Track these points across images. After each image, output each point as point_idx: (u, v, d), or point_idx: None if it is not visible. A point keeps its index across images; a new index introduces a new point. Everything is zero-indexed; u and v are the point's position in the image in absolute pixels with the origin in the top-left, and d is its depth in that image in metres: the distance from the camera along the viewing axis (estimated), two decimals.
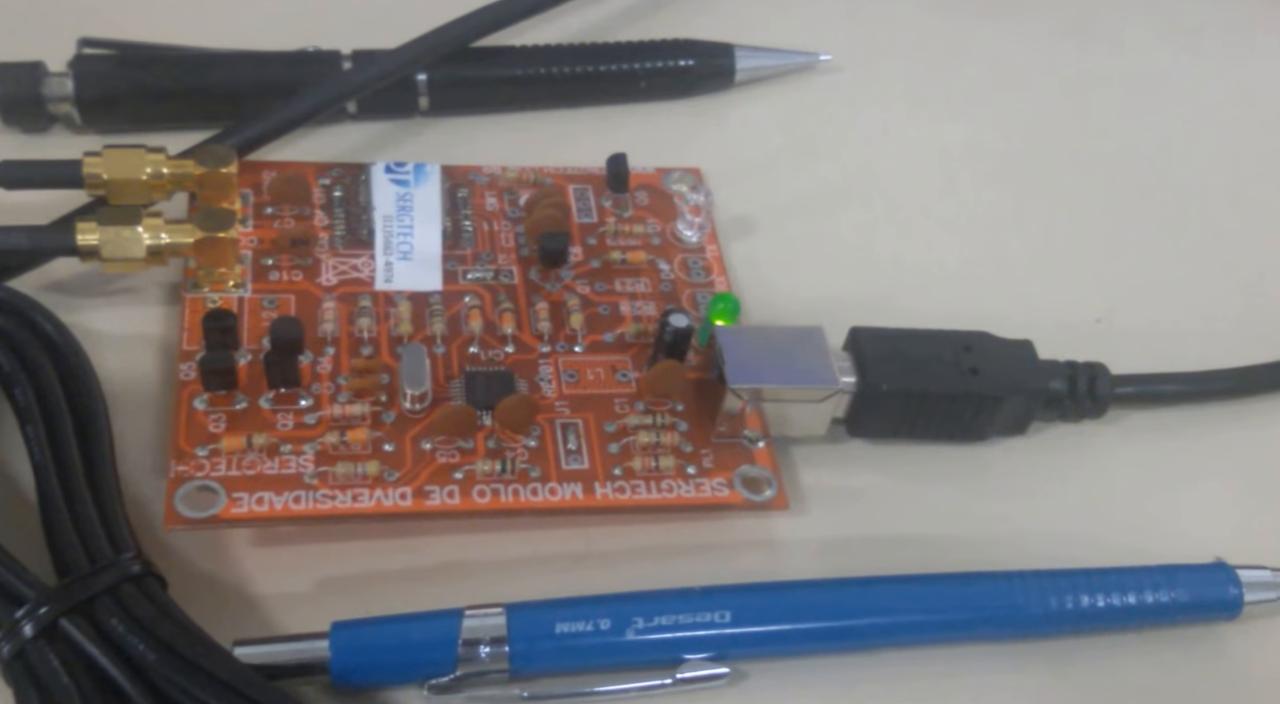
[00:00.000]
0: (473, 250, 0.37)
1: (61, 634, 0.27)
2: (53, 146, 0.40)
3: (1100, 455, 0.35)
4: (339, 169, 0.38)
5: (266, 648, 0.28)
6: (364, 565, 0.31)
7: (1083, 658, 0.31)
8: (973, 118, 0.45)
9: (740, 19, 0.46)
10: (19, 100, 0.39)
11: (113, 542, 0.28)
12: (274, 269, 0.35)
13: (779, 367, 0.33)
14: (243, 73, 0.40)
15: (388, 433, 0.32)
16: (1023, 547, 0.33)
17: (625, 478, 0.32)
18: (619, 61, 0.43)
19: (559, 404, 0.33)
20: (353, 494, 0.31)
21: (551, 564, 0.32)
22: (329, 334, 0.34)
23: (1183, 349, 0.37)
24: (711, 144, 0.42)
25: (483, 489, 0.31)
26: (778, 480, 0.32)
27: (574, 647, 0.29)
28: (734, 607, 0.30)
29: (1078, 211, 0.42)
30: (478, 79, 0.42)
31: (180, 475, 0.30)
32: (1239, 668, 0.31)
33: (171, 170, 0.35)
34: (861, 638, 0.31)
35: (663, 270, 0.37)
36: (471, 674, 0.28)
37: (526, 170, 0.39)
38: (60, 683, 0.26)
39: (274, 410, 0.32)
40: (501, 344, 0.34)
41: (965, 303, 0.38)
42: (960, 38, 0.48)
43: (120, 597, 0.27)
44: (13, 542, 0.28)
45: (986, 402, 0.34)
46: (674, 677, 0.29)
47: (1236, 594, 0.31)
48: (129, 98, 0.40)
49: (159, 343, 0.34)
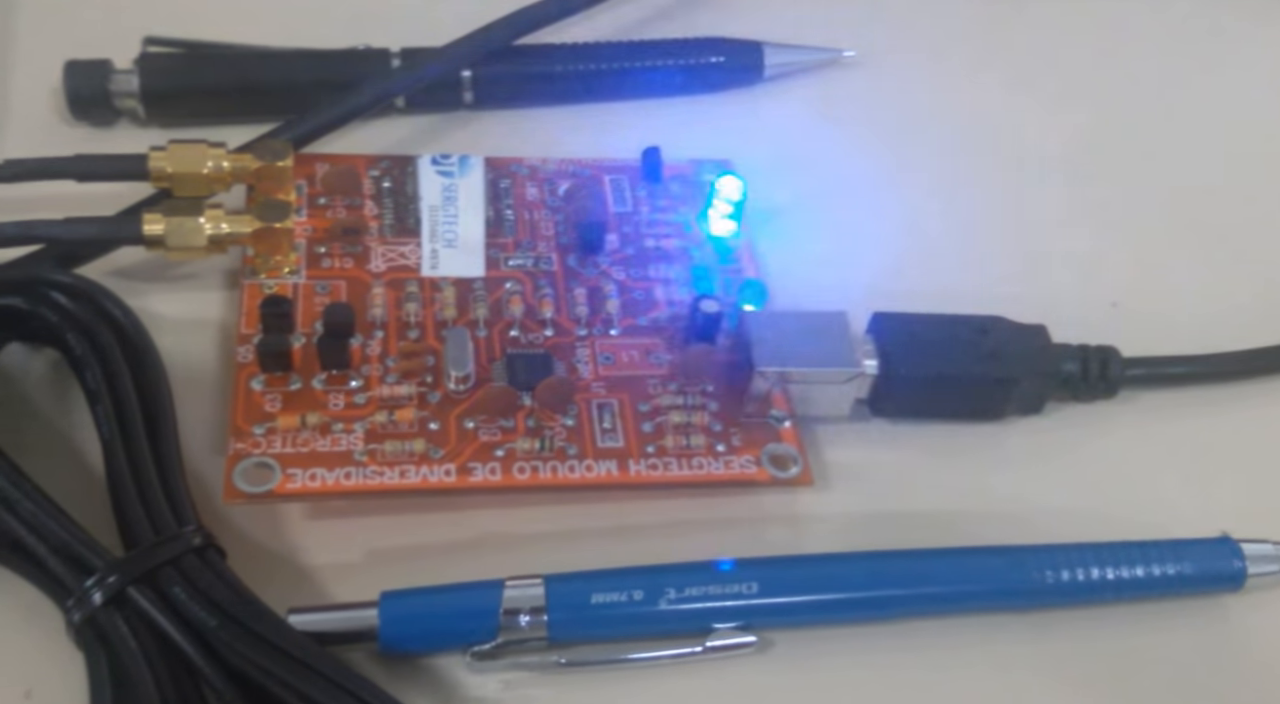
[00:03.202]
0: (514, 238, 0.37)
1: (129, 601, 0.27)
2: (118, 140, 0.40)
3: (1112, 434, 0.35)
4: (388, 161, 0.38)
5: (319, 615, 0.28)
6: (410, 538, 0.31)
7: (1094, 627, 0.31)
8: (989, 111, 0.44)
9: (768, 17, 0.46)
10: (88, 96, 0.39)
11: (176, 515, 0.28)
12: (327, 257, 0.35)
13: (804, 350, 0.33)
14: (298, 70, 0.41)
15: (433, 412, 0.32)
16: (1037, 521, 0.32)
17: (658, 455, 0.32)
18: (653, 58, 0.42)
19: (595, 385, 0.33)
20: (400, 470, 0.31)
21: (588, 537, 0.32)
22: (378, 318, 0.34)
23: (1191, 333, 0.37)
24: (741, 137, 0.42)
25: (523, 466, 0.31)
26: (803, 458, 0.32)
27: (609, 616, 0.29)
28: (761, 578, 0.30)
29: (1092, 200, 0.41)
30: (519, 75, 0.42)
31: (238, 452, 0.30)
32: (1242, 636, 0.31)
33: (231, 164, 0.35)
34: (882, 608, 0.31)
35: (695, 257, 0.37)
36: (512, 641, 0.28)
37: (565, 161, 0.39)
38: (128, 647, 0.26)
39: (326, 391, 0.32)
40: (541, 328, 0.34)
41: (982, 288, 0.38)
42: (976, 34, 0.47)
43: (183, 567, 0.27)
44: (83, 515, 0.28)
45: (1002, 383, 0.34)
46: (704, 645, 0.29)
47: (1240, 567, 0.31)
48: (191, 94, 0.40)
49: (218, 326, 0.35)
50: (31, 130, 0.40)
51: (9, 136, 0.39)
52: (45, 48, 0.41)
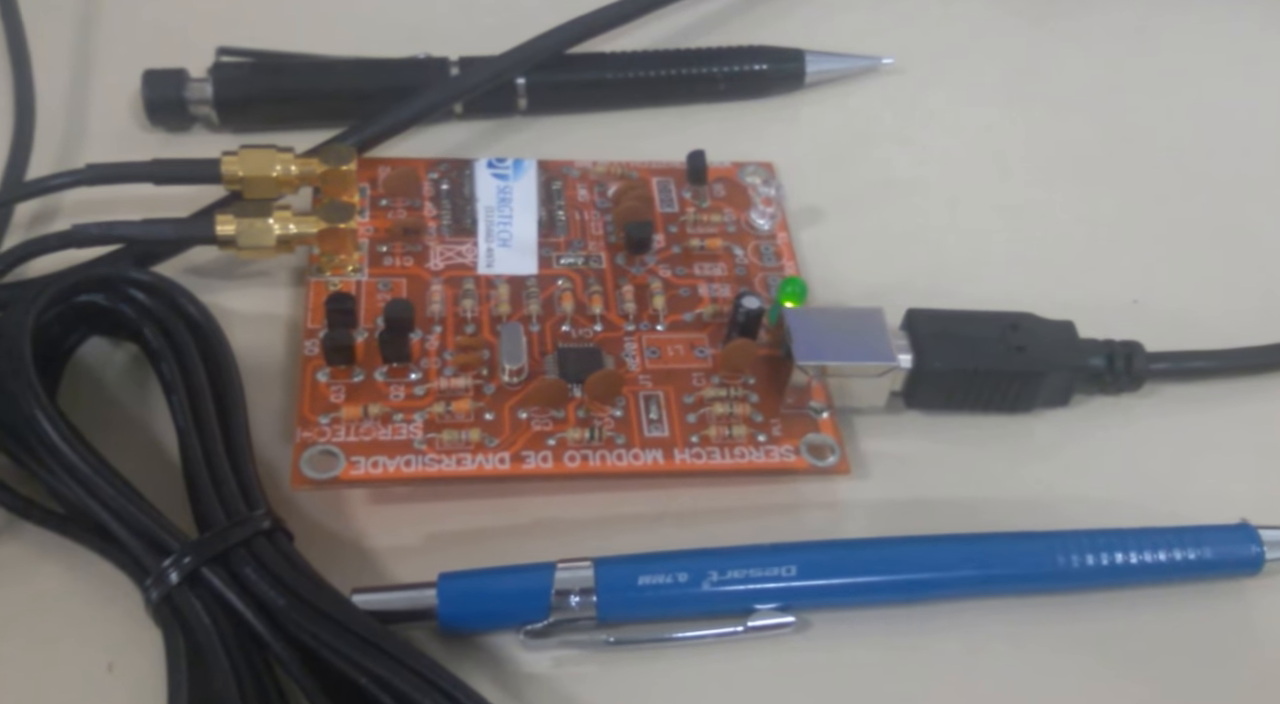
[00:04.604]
0: (565, 238, 0.37)
1: (203, 581, 0.27)
2: (193, 145, 0.40)
3: (1136, 426, 0.35)
4: (446, 164, 0.39)
5: (381, 595, 0.28)
6: (467, 522, 0.31)
7: (1118, 610, 0.31)
8: (1020, 116, 0.44)
9: (810, 26, 0.46)
10: (164, 103, 0.40)
11: (247, 499, 0.29)
12: (388, 255, 0.35)
13: (842, 345, 0.33)
14: (362, 78, 0.41)
15: (488, 403, 0.32)
16: (1064, 508, 0.32)
17: (701, 445, 0.32)
18: (698, 65, 0.42)
19: (642, 377, 0.33)
20: (457, 458, 0.31)
21: (635, 523, 0.32)
22: (436, 314, 0.34)
23: (1213, 328, 0.36)
24: (783, 140, 0.42)
25: (573, 454, 0.31)
26: (840, 448, 0.32)
27: (655, 597, 0.29)
28: (799, 562, 0.30)
29: (1116, 202, 0.41)
30: (571, 82, 0.42)
31: (305, 441, 0.31)
32: (1261, 618, 0.31)
33: (299, 168, 0.35)
34: (915, 591, 0.31)
35: (737, 256, 0.37)
36: (563, 621, 0.29)
37: (614, 164, 0.39)
38: (202, 624, 0.27)
39: (387, 383, 0.32)
40: (591, 323, 0.34)
41: (1012, 286, 0.38)
42: (1010, 43, 0.47)
43: (253, 548, 0.28)
44: (160, 499, 0.29)
45: (1031, 377, 0.33)
46: (745, 625, 0.29)
47: (1259, 552, 0.31)
48: (261, 101, 0.40)
49: (286, 322, 0.35)
50: (112, 136, 0.40)
51: (91, 142, 0.40)
52: (125, 59, 0.41)
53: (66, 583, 0.29)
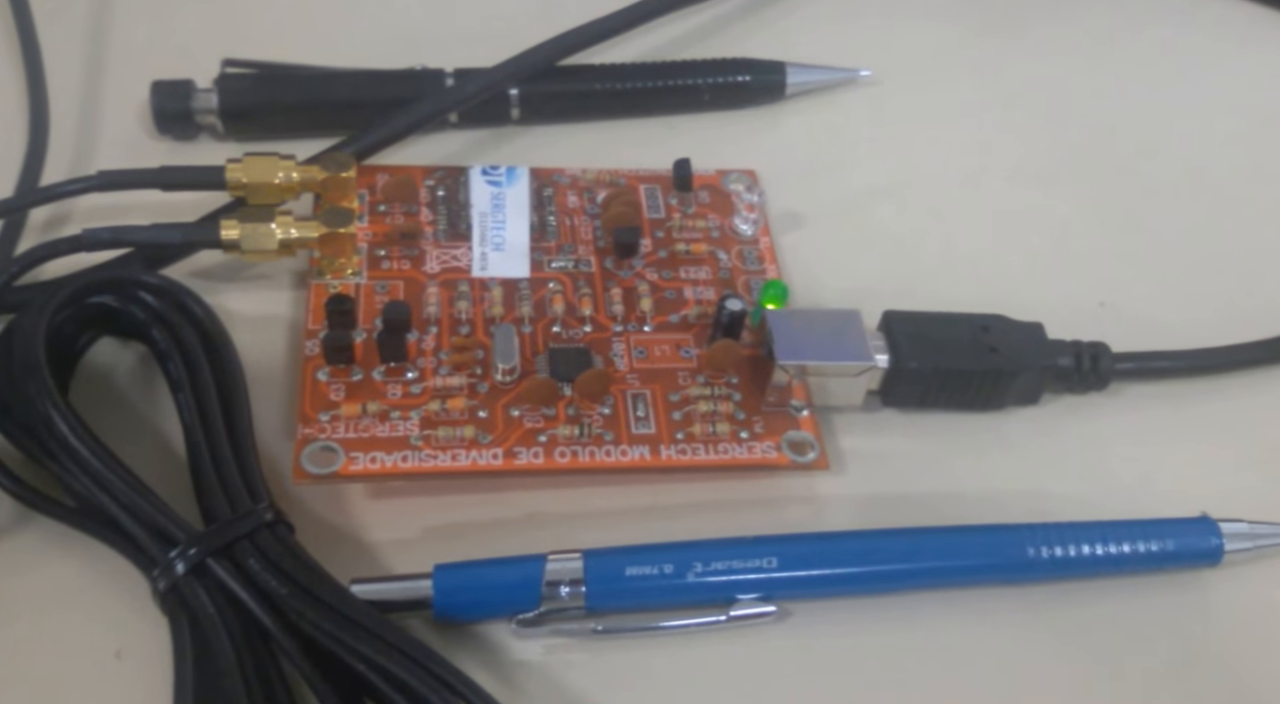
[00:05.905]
0: (556, 242, 0.37)
1: (208, 571, 0.27)
2: (199, 153, 0.40)
3: (1103, 423, 0.35)
4: (442, 172, 0.39)
5: (378, 586, 0.29)
6: (461, 516, 0.31)
7: (1084, 599, 0.31)
8: (992, 126, 0.44)
9: (791, 39, 0.46)
10: (172, 113, 0.40)
11: (250, 493, 0.29)
12: (386, 259, 0.36)
13: (822, 345, 0.33)
14: (361, 89, 0.41)
15: (482, 401, 0.32)
16: (1032, 502, 0.32)
17: (686, 441, 0.32)
18: (684, 77, 0.43)
19: (629, 377, 0.33)
20: (452, 454, 0.31)
21: (622, 516, 0.32)
22: (432, 316, 0.34)
23: (1176, 330, 0.36)
24: (765, 149, 0.42)
25: (563, 451, 0.31)
26: (819, 444, 0.32)
27: (641, 587, 0.29)
28: (780, 554, 0.30)
29: (1084, 209, 0.41)
30: (562, 93, 0.42)
31: (306, 437, 0.31)
32: (1220, 607, 0.31)
33: (300, 175, 0.35)
34: (891, 581, 0.31)
35: (721, 260, 0.37)
36: (553, 610, 0.29)
37: (603, 172, 0.39)
38: (207, 613, 0.27)
39: (385, 381, 0.32)
40: (580, 324, 0.34)
41: (984, 289, 0.38)
42: (981, 56, 0.47)
43: (257, 540, 0.28)
44: (167, 492, 0.29)
45: (1003, 376, 0.33)
46: (727, 614, 0.29)
47: (1218, 544, 0.31)
48: (264, 110, 0.40)
49: (288, 323, 0.35)
50: (121, 144, 0.40)
51: (102, 150, 0.40)
52: (134, 70, 0.41)
53: (77, 573, 0.29)
